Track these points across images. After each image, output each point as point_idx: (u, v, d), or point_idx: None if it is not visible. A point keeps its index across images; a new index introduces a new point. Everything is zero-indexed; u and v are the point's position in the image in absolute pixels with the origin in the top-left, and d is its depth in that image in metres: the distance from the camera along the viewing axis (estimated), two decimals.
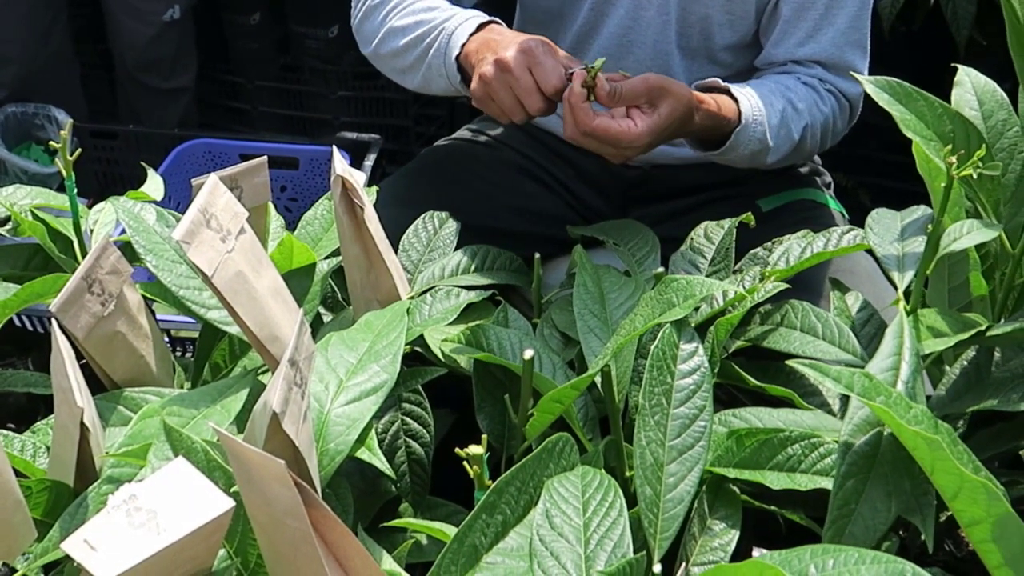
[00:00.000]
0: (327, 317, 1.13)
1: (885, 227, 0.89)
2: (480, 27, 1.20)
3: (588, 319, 0.97)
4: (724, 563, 0.75)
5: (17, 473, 0.82)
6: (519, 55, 1.09)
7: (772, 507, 0.82)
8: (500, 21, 1.23)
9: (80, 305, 0.87)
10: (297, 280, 1.07)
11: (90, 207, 1.22)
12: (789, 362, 0.69)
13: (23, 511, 0.69)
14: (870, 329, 0.91)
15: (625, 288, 1.00)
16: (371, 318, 0.95)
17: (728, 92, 1.18)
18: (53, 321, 0.81)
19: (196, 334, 1.39)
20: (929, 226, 0.79)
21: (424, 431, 1.04)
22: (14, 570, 0.79)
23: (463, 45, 1.18)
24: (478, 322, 1.00)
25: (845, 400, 0.89)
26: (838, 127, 1.30)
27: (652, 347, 0.75)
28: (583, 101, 1.06)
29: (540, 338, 1.03)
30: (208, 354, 1.03)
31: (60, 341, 0.77)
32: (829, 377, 0.66)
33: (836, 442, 0.77)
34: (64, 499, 0.79)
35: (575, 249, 1.08)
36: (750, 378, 0.89)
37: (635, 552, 0.69)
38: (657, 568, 0.67)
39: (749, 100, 1.18)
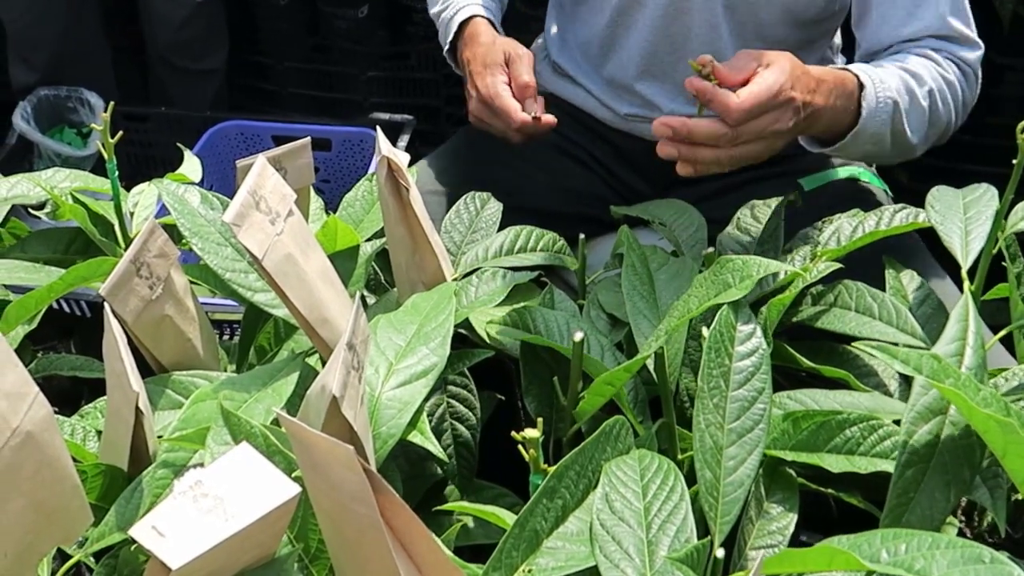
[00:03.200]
0: (370, 300, 1.13)
1: (947, 205, 0.87)
2: (464, 24, 1.30)
3: (637, 300, 0.96)
4: (783, 547, 0.75)
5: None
6: (487, 90, 1.21)
7: (829, 490, 0.81)
8: (486, 12, 1.32)
9: (129, 288, 0.87)
10: (341, 262, 1.06)
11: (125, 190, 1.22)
12: (855, 344, 0.68)
13: (80, 496, 0.69)
14: (927, 309, 0.89)
15: (673, 269, 0.99)
16: (418, 300, 0.94)
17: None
18: (105, 305, 0.81)
19: (233, 316, 1.40)
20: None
21: (470, 414, 1.04)
22: (67, 555, 0.79)
23: (451, 40, 1.32)
24: (524, 304, 0.99)
25: (904, 381, 0.88)
26: (966, 96, 1.20)
27: (709, 329, 0.74)
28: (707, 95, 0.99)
29: (587, 320, 1.02)
30: (253, 337, 1.03)
31: (113, 325, 0.76)
32: (897, 359, 0.65)
33: (895, 423, 0.75)
34: (118, 484, 0.79)
35: (621, 229, 1.06)
36: (804, 359, 0.87)
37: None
38: (719, 552, 0.66)
39: (861, 69, 1.11)
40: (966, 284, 0.78)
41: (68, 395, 1.25)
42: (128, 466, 0.80)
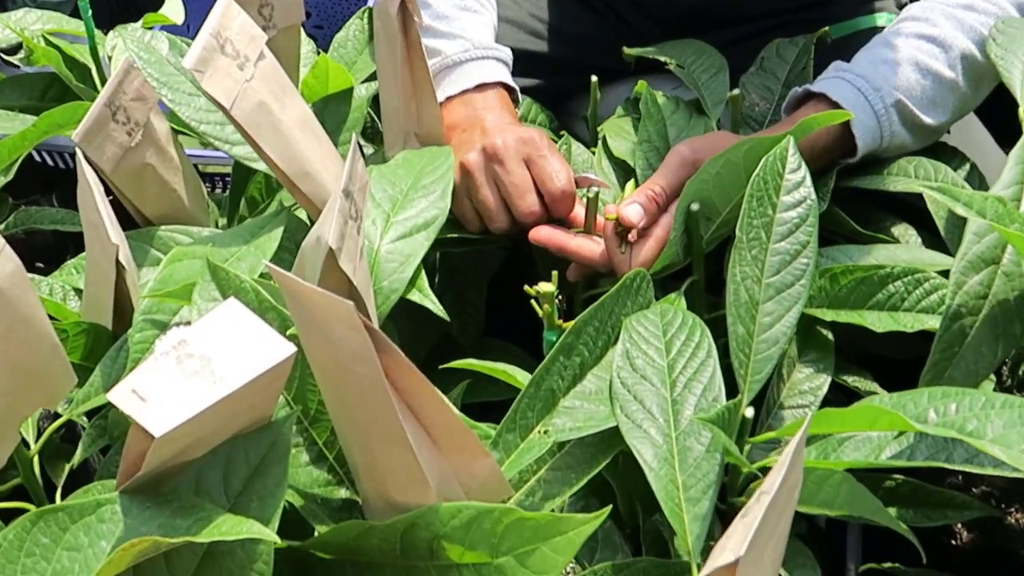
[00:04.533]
0: (367, 149, 1.06)
1: (1011, 38, 0.79)
2: (481, 87, 0.96)
3: (652, 158, 0.90)
4: (814, 408, 0.70)
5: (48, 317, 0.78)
6: (517, 144, 0.87)
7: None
8: (511, 85, 0.99)
9: (105, 134, 0.80)
10: (334, 106, 0.99)
11: None
12: (912, 184, 0.61)
13: (61, 356, 0.64)
14: (961, 174, 0.83)
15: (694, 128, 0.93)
16: (410, 156, 0.88)
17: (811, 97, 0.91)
18: (78, 151, 0.74)
19: (225, 168, 1.33)
20: None
21: (474, 269, 0.99)
22: (57, 415, 0.75)
23: (449, 97, 0.96)
24: None
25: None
26: None
27: (753, 175, 0.67)
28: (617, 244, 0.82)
29: (599, 170, 0.95)
30: (243, 188, 0.97)
31: (87, 173, 0.70)
32: (959, 201, 0.59)
33: (941, 275, 0.70)
34: (102, 342, 0.75)
35: (643, 90, 0.98)
36: (849, 220, 0.81)
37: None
38: (749, 412, 0.62)
39: (843, 82, 0.88)
40: None
41: (52, 251, 1.20)
42: (112, 324, 0.75)
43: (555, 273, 0.70)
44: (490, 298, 0.99)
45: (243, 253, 0.75)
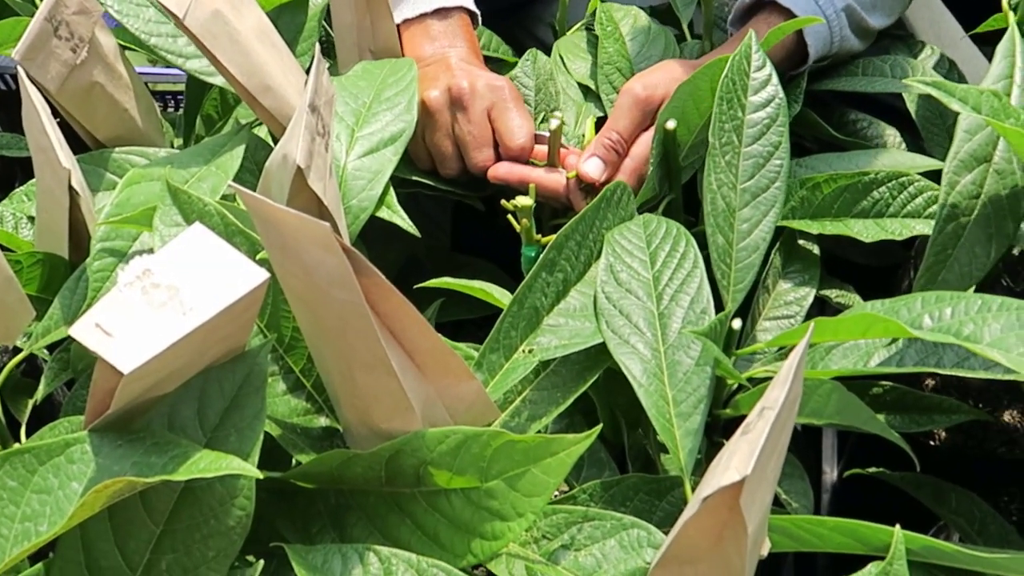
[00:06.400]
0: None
1: None
2: (441, 12, 0.91)
3: (616, 80, 0.87)
4: (799, 319, 0.69)
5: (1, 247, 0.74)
6: (484, 90, 0.83)
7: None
8: (473, 10, 0.93)
9: (48, 51, 0.75)
10: (288, 15, 0.94)
11: None
12: (908, 81, 0.59)
13: (16, 289, 0.61)
14: (940, 70, 0.81)
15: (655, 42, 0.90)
16: (369, 67, 0.84)
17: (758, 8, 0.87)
18: (20, 70, 0.70)
19: (177, 86, 1.28)
20: None
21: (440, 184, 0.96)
22: (18, 350, 0.72)
23: (407, 20, 0.91)
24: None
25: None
26: None
27: (721, 77, 0.65)
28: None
29: (562, 91, 0.92)
30: (198, 106, 0.93)
31: (31, 94, 0.66)
32: (955, 97, 0.56)
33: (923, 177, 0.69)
34: (59, 272, 0.71)
35: (596, 6, 0.94)
36: (825, 124, 0.79)
37: None
38: (737, 323, 0.60)
39: None
40: (1010, 16, 0.69)
41: None
42: (69, 253, 0.72)
43: (532, 186, 0.68)
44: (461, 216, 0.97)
45: (204, 174, 0.71)
